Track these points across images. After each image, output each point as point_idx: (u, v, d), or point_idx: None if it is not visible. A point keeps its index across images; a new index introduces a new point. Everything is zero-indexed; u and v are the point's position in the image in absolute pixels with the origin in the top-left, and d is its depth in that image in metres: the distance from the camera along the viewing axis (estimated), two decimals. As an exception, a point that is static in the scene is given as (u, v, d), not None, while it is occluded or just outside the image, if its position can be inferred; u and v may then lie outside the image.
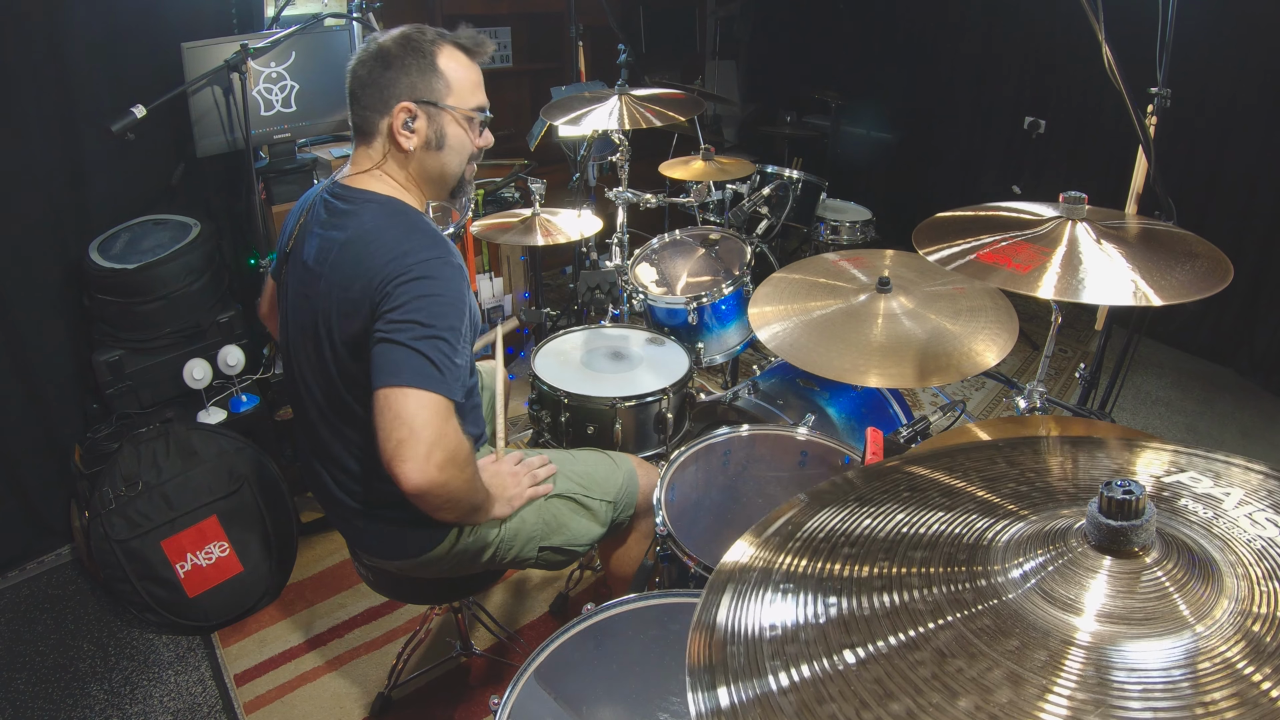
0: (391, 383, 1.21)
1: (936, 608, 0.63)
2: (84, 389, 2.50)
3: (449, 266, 1.31)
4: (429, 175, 1.45)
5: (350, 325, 1.32)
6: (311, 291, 1.37)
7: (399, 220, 1.35)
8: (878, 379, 1.58)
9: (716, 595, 0.71)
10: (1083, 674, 0.55)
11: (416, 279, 1.26)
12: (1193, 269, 1.23)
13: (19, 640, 2.23)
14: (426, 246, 1.31)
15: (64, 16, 2.25)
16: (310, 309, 1.38)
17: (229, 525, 2.27)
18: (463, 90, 1.41)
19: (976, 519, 0.74)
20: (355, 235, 1.33)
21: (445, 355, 1.25)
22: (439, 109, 1.39)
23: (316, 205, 1.43)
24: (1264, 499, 0.70)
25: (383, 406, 1.21)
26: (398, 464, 1.19)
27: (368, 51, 1.37)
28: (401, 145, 1.38)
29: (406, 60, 1.35)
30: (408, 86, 1.35)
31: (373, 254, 1.29)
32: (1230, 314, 3.66)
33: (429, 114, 1.38)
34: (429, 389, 1.21)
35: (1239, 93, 3.43)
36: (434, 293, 1.27)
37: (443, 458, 1.21)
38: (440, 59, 1.37)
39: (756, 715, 0.58)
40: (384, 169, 1.41)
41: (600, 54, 3.86)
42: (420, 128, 1.38)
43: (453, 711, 2.01)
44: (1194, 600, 0.59)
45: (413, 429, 1.19)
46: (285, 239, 1.49)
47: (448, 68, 1.38)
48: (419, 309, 1.25)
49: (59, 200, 2.38)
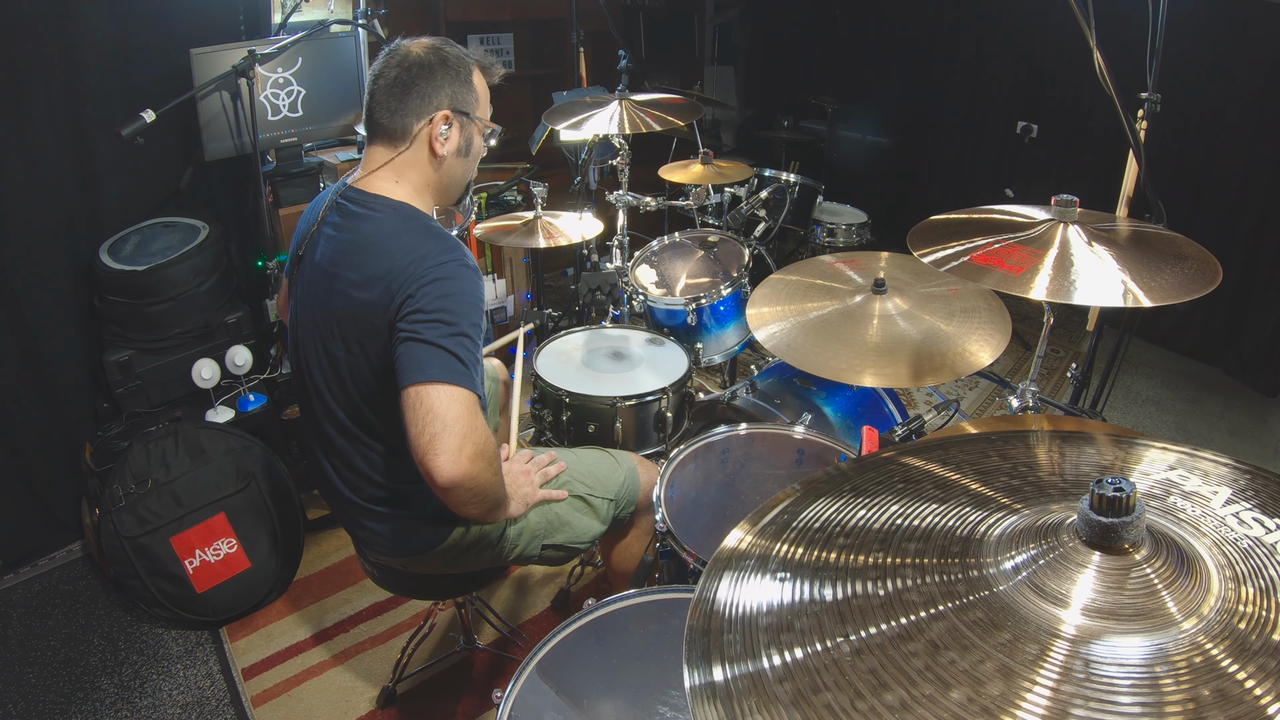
0: (421, 379, 1.23)
1: (930, 598, 0.64)
2: (95, 388, 2.53)
3: (466, 268, 1.35)
4: (451, 179, 1.51)
5: (364, 326, 1.35)
6: (324, 292, 1.40)
7: (414, 224, 1.39)
8: (873, 379, 1.59)
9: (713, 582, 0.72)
10: (1072, 668, 0.55)
11: (438, 279, 1.30)
12: (1182, 271, 1.24)
13: (31, 634, 2.25)
14: (444, 250, 1.34)
15: (75, 24, 2.28)
16: (322, 309, 1.41)
17: (237, 522, 2.30)
18: (485, 105, 1.51)
19: (969, 511, 0.74)
20: (371, 239, 1.36)
21: (470, 351, 1.28)
22: (470, 119, 1.47)
23: (330, 208, 1.45)
24: (1251, 498, 0.70)
25: (414, 403, 1.22)
26: (431, 458, 1.20)
27: (401, 58, 1.40)
28: (436, 150, 1.43)
29: (447, 71, 1.41)
30: (449, 95, 1.42)
31: (391, 257, 1.32)
32: (1219, 315, 3.69)
33: (462, 123, 1.45)
34: (458, 384, 1.24)
35: (1228, 97, 3.46)
36: (455, 291, 1.31)
37: (474, 450, 1.23)
38: (474, 76, 1.46)
39: (753, 704, 0.58)
40: (403, 172, 1.44)
41: (601, 60, 3.91)
42: (453, 135, 1.44)
43: (456, 704, 2.03)
44: (1182, 597, 0.60)
45: (445, 423, 1.21)
46: (299, 241, 1.52)
47: (477, 83, 1.47)
48: (443, 308, 1.28)
49: (70, 203, 2.40)
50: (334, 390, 1.44)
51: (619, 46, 3.10)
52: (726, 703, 0.58)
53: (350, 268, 1.36)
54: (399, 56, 1.41)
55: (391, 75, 1.40)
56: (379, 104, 1.42)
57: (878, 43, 5.07)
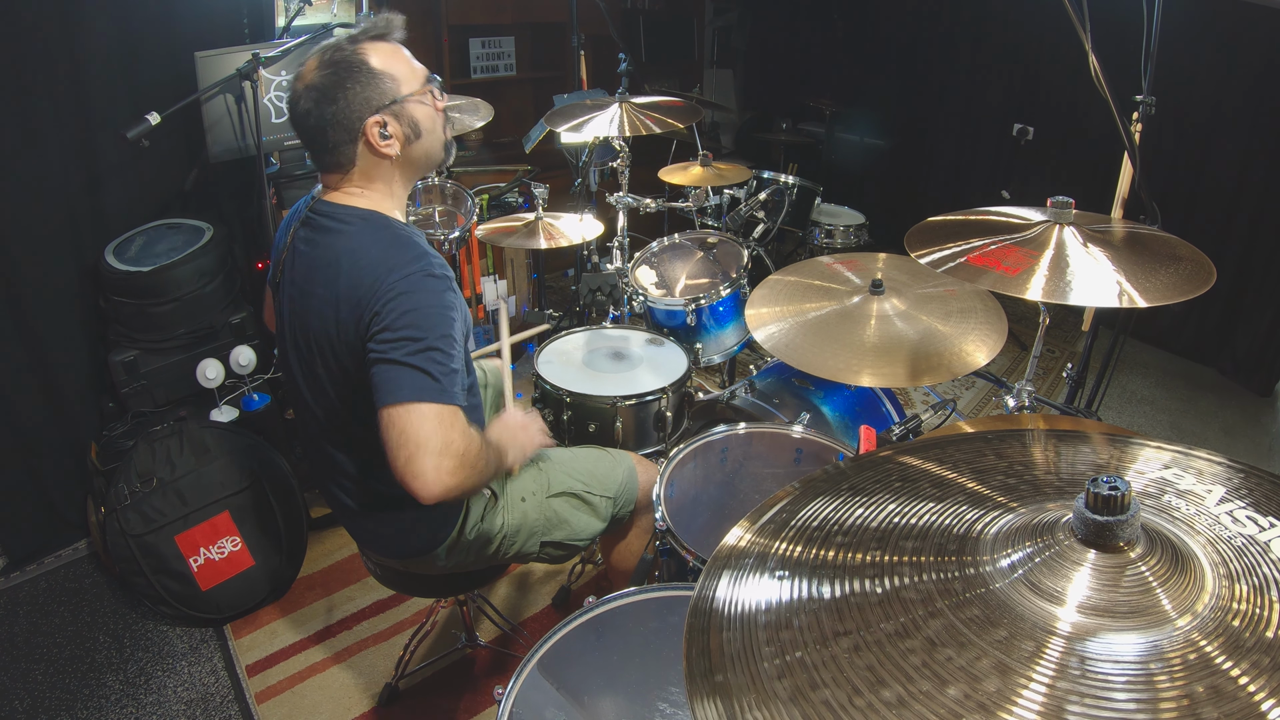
0: (391, 401, 1.21)
1: (927, 596, 0.64)
2: (100, 388, 2.54)
3: (431, 278, 1.30)
4: (416, 165, 1.44)
5: (340, 345, 1.33)
6: (302, 310, 1.38)
7: (381, 236, 1.34)
8: (871, 378, 1.60)
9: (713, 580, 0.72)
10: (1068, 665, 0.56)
11: (400, 294, 1.26)
12: (1177, 271, 1.24)
13: (37, 632, 2.27)
14: (409, 260, 1.30)
15: (81, 28, 2.30)
16: (302, 327, 1.39)
17: (241, 520, 2.32)
18: (405, 75, 1.37)
19: (966, 510, 0.74)
20: (341, 255, 1.33)
21: (440, 364, 1.25)
22: (400, 104, 1.35)
23: (300, 223, 1.41)
24: (1244, 497, 0.71)
25: (387, 425, 1.21)
26: (409, 479, 1.20)
27: (301, 93, 1.32)
28: (385, 154, 1.36)
29: (346, 82, 1.30)
30: (363, 103, 1.32)
31: (359, 274, 1.29)
32: (1213, 315, 3.71)
33: (395, 113, 1.35)
34: (429, 400, 1.22)
35: (1222, 100, 3.49)
36: (419, 305, 1.27)
37: (453, 464, 1.21)
38: (372, 60, 1.33)
39: (751, 700, 0.58)
40: (365, 182, 1.39)
41: (601, 63, 3.94)
42: (395, 130, 1.36)
43: (458, 701, 2.05)
44: (1176, 595, 0.60)
45: (418, 443, 1.20)
46: (278, 255, 1.47)
47: (382, 64, 1.34)
48: (407, 324, 1.25)
49: (76, 205, 2.42)
50: (321, 405, 1.42)
51: (619, 50, 3.12)
52: (725, 699, 0.59)
53: (322, 285, 1.33)
54: (298, 93, 1.32)
55: (301, 111, 1.32)
56: (311, 144, 1.36)
57: (875, 46, 5.10)
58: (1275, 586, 0.60)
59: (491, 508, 1.62)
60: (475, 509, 1.59)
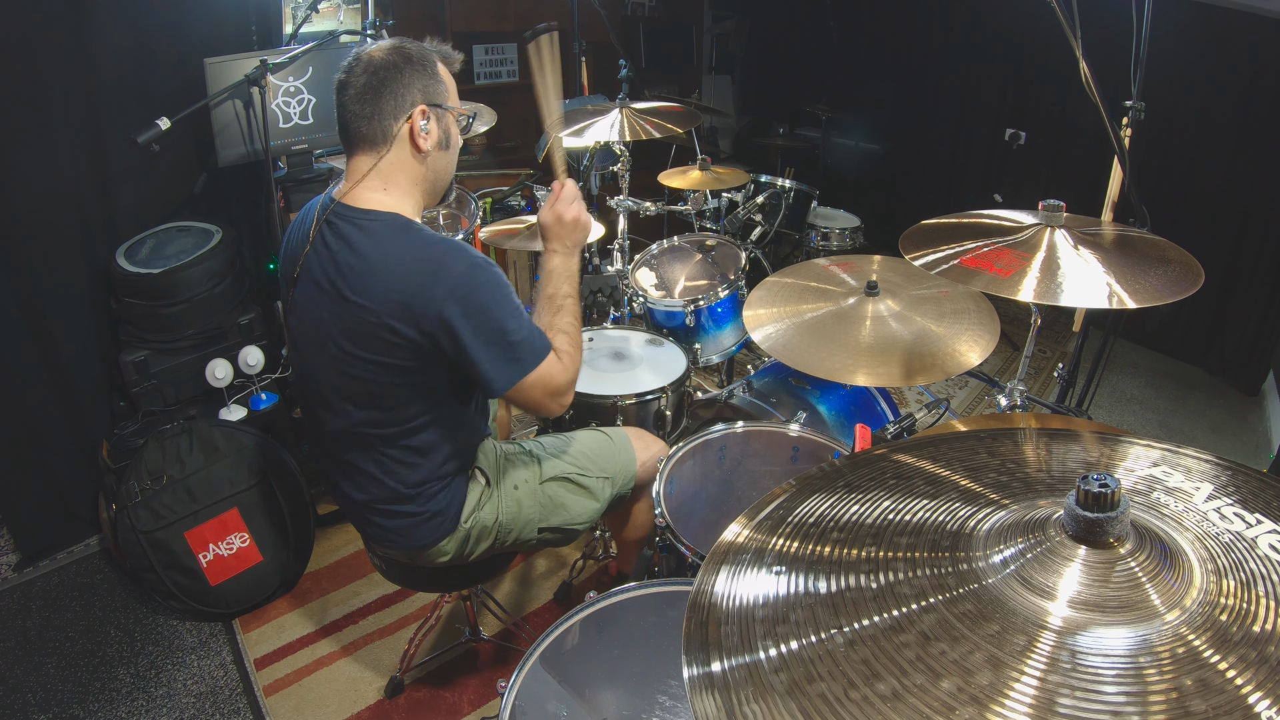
0: (505, 385, 1.41)
1: (921, 591, 0.65)
2: (111, 388, 2.56)
3: (477, 267, 1.36)
4: (438, 174, 1.49)
5: (377, 343, 1.35)
6: (327, 313, 1.39)
7: (413, 238, 1.37)
8: (866, 378, 1.62)
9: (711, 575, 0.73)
10: (1059, 659, 0.56)
11: (464, 296, 1.33)
12: (1166, 273, 1.26)
13: (50, 626, 2.30)
14: (452, 258, 1.35)
15: (92, 35, 2.32)
16: (325, 327, 1.40)
17: (249, 517, 2.35)
18: (454, 95, 1.50)
19: (959, 507, 0.75)
20: (375, 260, 1.35)
21: (517, 325, 1.40)
22: (444, 110, 1.46)
23: (320, 225, 1.41)
24: (1232, 494, 0.71)
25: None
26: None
27: (367, 63, 1.37)
28: (420, 146, 1.42)
29: (414, 67, 1.39)
30: (421, 90, 1.41)
31: (404, 277, 1.33)
32: (1201, 316, 3.74)
33: (438, 115, 1.44)
34: (526, 368, 1.42)
35: (1210, 105, 3.53)
36: (483, 296, 1.35)
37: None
38: (439, 66, 1.46)
39: (749, 693, 0.59)
40: (390, 176, 1.42)
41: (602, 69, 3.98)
42: (433, 128, 1.43)
43: (462, 694, 2.08)
44: (1165, 590, 0.61)
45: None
46: (291, 261, 1.48)
47: (444, 74, 1.47)
48: (482, 317, 1.35)
49: (87, 208, 2.44)
50: (342, 400, 1.45)
51: (619, 56, 3.16)
52: (724, 692, 0.60)
53: (355, 290, 1.35)
54: (364, 63, 1.38)
55: (360, 82, 1.37)
56: (352, 113, 1.39)
57: (871, 53, 5.15)
58: (1261, 581, 0.61)
59: (487, 496, 1.65)
60: (471, 496, 1.62)
